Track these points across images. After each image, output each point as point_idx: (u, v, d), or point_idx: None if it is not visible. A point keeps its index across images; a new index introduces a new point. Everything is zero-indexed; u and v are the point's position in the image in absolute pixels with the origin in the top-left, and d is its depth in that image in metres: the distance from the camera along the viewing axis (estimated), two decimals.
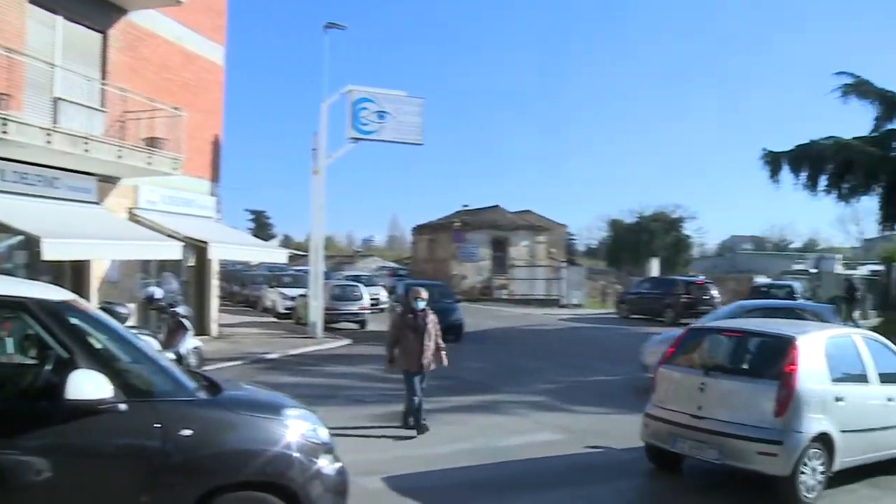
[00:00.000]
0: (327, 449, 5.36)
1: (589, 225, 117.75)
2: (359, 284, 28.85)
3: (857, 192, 33.03)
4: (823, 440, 7.62)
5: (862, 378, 8.36)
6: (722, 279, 45.64)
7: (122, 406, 4.41)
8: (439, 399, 13.05)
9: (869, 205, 35.74)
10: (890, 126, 32.71)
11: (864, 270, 48.44)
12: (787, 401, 7.52)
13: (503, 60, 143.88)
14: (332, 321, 24.51)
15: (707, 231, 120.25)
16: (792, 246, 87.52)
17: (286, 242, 68.77)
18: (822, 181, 32.83)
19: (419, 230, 55.63)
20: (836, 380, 7.97)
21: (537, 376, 16.46)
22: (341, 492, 5.34)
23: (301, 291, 27.11)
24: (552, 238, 56.24)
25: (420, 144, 24.50)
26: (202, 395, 5.03)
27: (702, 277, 39.18)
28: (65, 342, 4.60)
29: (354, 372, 16.42)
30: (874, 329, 26.61)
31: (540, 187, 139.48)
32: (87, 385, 4.26)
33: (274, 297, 31.17)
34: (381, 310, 31.03)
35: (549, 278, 46.10)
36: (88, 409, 4.31)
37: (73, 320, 4.76)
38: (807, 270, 47.83)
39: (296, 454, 5.03)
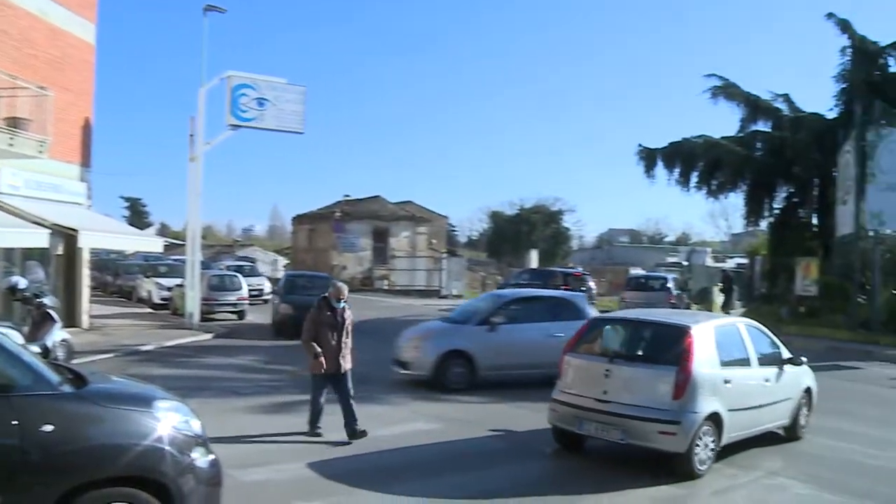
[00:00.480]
0: (200, 441, 5.24)
1: (470, 216, 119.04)
2: (238, 275, 28.34)
3: (725, 188, 34.74)
4: (714, 419, 8.44)
5: (745, 362, 9.30)
6: (599, 271, 47.18)
7: None
8: None
9: (736, 201, 37.58)
10: (754, 127, 34.51)
11: (731, 264, 50.90)
12: (685, 384, 8.27)
13: (386, 49, 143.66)
14: (209, 312, 24.03)
15: (585, 224, 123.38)
16: (666, 239, 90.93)
17: (163, 231, 66.74)
18: (694, 177, 34.38)
19: (299, 220, 54.99)
20: (724, 364, 8.84)
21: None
22: (215, 484, 5.26)
23: (178, 281, 26.44)
24: (433, 229, 56.63)
25: (301, 133, 24.24)
26: (66, 388, 4.83)
27: (580, 269, 40.38)
28: None
29: (231, 363, 16.18)
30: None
31: (422, 178, 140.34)
32: None
33: (149, 287, 30.29)
34: (265, 301, 30.54)
35: (430, 269, 46.47)
36: None
37: None
38: (679, 263, 49.83)
39: (167, 447, 4.88)
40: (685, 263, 47.75)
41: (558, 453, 9.28)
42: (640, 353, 9.36)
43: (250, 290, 28.16)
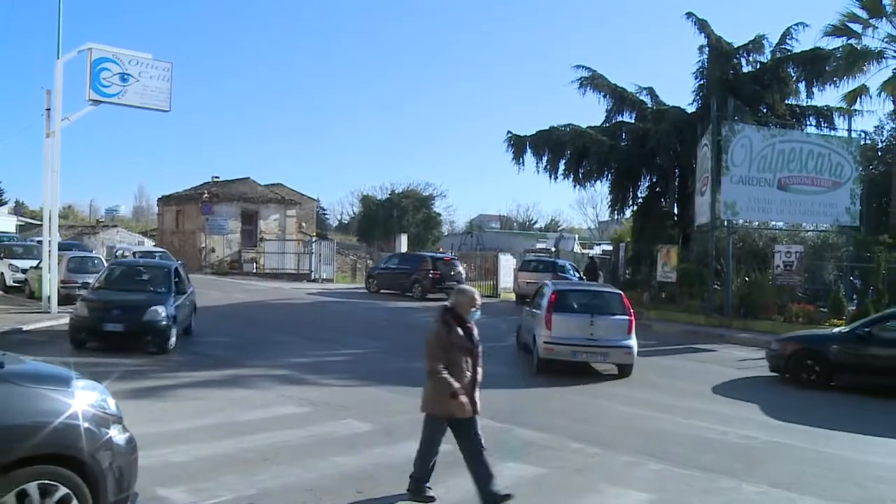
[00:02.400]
0: (116, 419, 5.36)
1: (341, 200, 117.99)
2: (100, 257, 27.12)
3: (592, 177, 35.60)
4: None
5: None
6: (469, 256, 47.69)
7: None
8: (180, 374, 12.70)
9: (602, 189, 38.72)
10: (620, 118, 35.58)
11: (598, 250, 52.55)
12: (632, 326, 14.47)
13: (256, 25, 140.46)
14: (69, 295, 22.93)
15: (457, 209, 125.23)
16: (536, 226, 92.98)
17: (19, 210, 63.30)
18: (562, 165, 35.07)
19: (166, 201, 53.19)
20: None
21: (284, 350, 16.38)
22: (132, 461, 5.38)
23: (34, 263, 25.06)
24: (303, 212, 55.97)
25: (167, 111, 23.36)
26: None
27: (449, 254, 40.68)
28: None
29: (92, 347, 15.39)
30: None
31: (292, 160, 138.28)
32: None
33: (2, 268, 28.60)
34: None
35: (300, 252, 45.92)
36: None
37: None
38: (548, 249, 51.00)
39: (85, 424, 4.95)
40: (553, 249, 48.93)
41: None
42: (606, 309, 14.74)
43: None
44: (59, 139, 21.42)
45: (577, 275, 33.09)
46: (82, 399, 5.12)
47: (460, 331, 6.77)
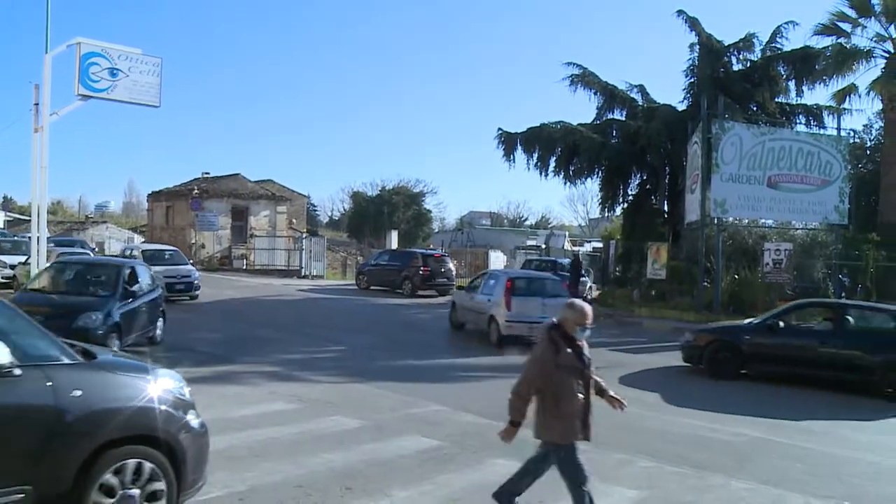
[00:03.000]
0: (191, 405, 5.90)
1: (332, 196, 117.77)
2: (89, 252, 27.01)
3: (583, 174, 35.62)
4: None
5: None
6: (459, 252, 47.73)
7: (17, 371, 4.68)
8: None
9: (593, 187, 38.83)
10: (611, 116, 35.61)
11: (588, 247, 52.66)
12: None
13: (247, 21, 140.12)
14: None
15: (447, 206, 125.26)
16: (526, 223, 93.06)
17: (7, 205, 63.05)
18: (552, 163, 35.08)
19: (156, 196, 52.92)
20: None
21: (274, 346, 16.35)
22: (204, 444, 5.89)
23: (23, 259, 24.92)
24: (293, 208, 55.83)
25: (156, 106, 23.23)
26: (82, 359, 5.34)
27: (439, 251, 40.70)
28: None
29: None
30: (595, 300, 28.99)
31: (283, 157, 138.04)
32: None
33: None
34: None
35: (290, 249, 45.82)
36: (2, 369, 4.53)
37: None
38: (538, 246, 51.07)
39: (169, 409, 5.53)
40: (543, 247, 49.02)
41: (417, 430, 9.37)
42: (552, 293, 18.08)
43: None
44: (47, 134, 21.29)
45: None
46: (163, 385, 5.69)
47: (569, 350, 5.93)
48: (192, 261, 32.73)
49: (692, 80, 32.76)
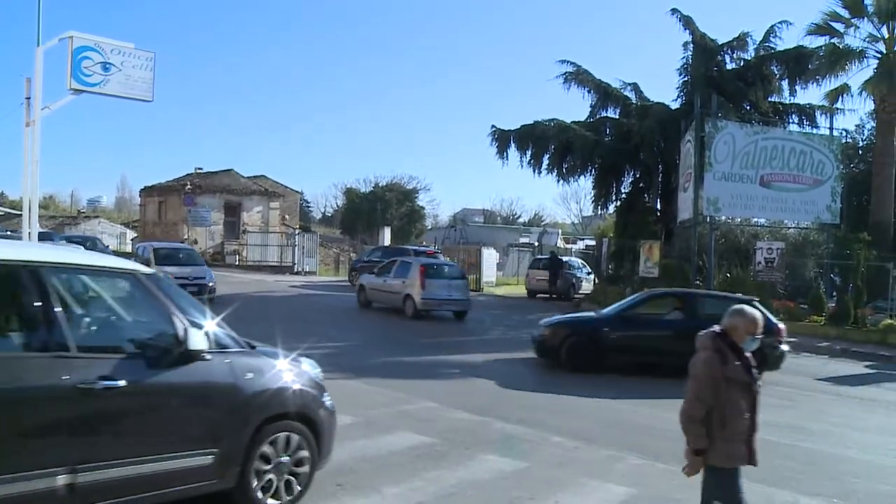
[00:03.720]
0: (324, 387, 6.81)
1: (325, 192, 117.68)
2: (80, 247, 26.84)
3: (576, 172, 35.73)
4: None
5: None
6: (452, 249, 47.71)
7: (208, 356, 5.59)
8: None
9: (586, 184, 38.95)
10: (604, 113, 35.67)
11: (581, 245, 52.68)
12: (468, 286, 23.78)
13: (239, 18, 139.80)
14: None
15: (440, 203, 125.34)
16: (520, 220, 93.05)
17: None
18: (546, 160, 35.14)
19: (148, 191, 52.81)
20: None
21: (265, 342, 16.21)
22: (335, 420, 6.80)
23: None
24: (286, 204, 55.80)
25: (149, 101, 23.12)
26: (248, 348, 6.26)
27: (432, 248, 40.69)
28: (166, 304, 5.62)
29: None
30: (588, 296, 29.01)
31: (276, 152, 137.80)
32: (197, 339, 5.46)
33: None
34: None
35: (283, 245, 45.79)
36: (196, 356, 5.48)
37: (166, 287, 5.94)
38: (531, 243, 51.09)
39: (312, 391, 6.52)
40: (536, 244, 49.07)
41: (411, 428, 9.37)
42: (456, 276, 23.28)
43: None
44: (39, 128, 21.15)
45: (585, 269, 36.66)
46: (306, 371, 6.68)
47: (737, 362, 5.24)
48: None
49: (686, 78, 32.83)
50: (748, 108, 30.96)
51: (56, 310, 5.00)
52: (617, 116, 35.30)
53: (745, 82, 31.30)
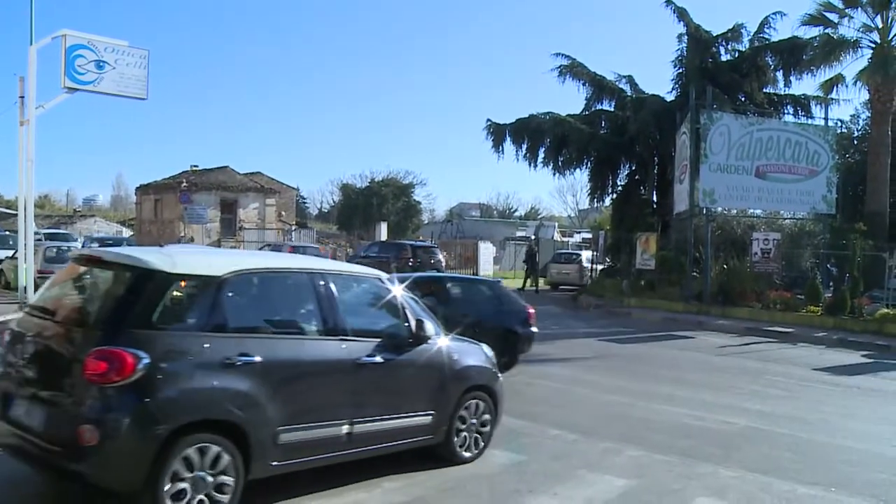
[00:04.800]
0: (496, 364, 8.33)
1: (321, 188, 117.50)
2: (77, 246, 26.89)
3: (572, 165, 35.76)
4: None
5: None
6: (449, 244, 47.73)
7: (431, 340, 7.24)
8: None
9: (582, 177, 38.96)
10: (599, 106, 35.69)
11: (577, 238, 52.70)
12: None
13: (233, 15, 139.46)
14: None
15: (436, 197, 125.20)
16: (516, 214, 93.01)
17: None
18: (541, 154, 35.15)
19: (144, 190, 52.74)
20: None
21: None
22: (504, 391, 8.27)
23: (9, 253, 24.77)
24: (283, 201, 55.75)
25: (143, 99, 23.08)
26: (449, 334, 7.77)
27: (429, 242, 40.71)
28: (400, 300, 7.27)
29: None
30: (585, 288, 28.99)
31: (271, 149, 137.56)
32: (428, 326, 7.16)
33: None
34: None
35: (279, 241, 45.74)
36: (427, 339, 7.17)
37: (403, 288, 7.60)
38: (527, 237, 51.12)
39: (492, 367, 8.11)
40: (533, 238, 49.12)
41: None
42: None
43: None
44: (33, 127, 21.13)
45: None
46: (489, 353, 8.20)
47: None
48: None
49: (680, 70, 32.85)
50: (743, 99, 30.96)
51: (339, 305, 6.67)
52: (612, 109, 35.30)
53: (740, 73, 31.33)
